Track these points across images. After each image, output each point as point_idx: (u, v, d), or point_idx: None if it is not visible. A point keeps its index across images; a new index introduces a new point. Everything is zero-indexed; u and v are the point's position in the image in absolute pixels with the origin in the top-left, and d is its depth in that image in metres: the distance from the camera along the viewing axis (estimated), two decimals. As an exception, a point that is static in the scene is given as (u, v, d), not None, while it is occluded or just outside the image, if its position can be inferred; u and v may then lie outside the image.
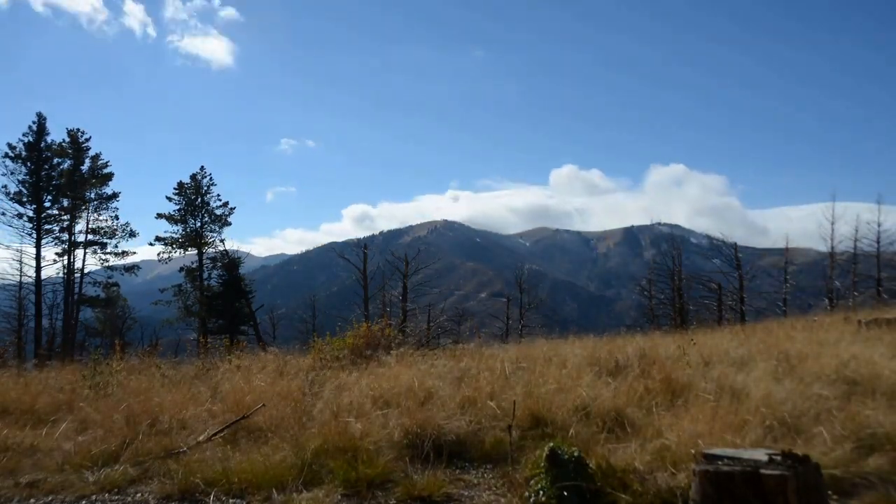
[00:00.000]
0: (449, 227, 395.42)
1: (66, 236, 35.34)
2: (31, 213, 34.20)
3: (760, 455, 3.54)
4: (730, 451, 3.72)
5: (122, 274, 37.00)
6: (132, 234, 37.32)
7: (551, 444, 4.39)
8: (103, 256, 36.51)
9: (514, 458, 5.03)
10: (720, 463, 3.54)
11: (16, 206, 33.92)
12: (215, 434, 5.98)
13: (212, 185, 37.59)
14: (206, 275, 36.59)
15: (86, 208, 36.13)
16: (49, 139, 35.05)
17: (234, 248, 37.04)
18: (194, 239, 36.73)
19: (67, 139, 35.85)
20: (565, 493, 4.07)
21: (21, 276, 33.53)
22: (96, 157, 36.47)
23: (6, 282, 33.51)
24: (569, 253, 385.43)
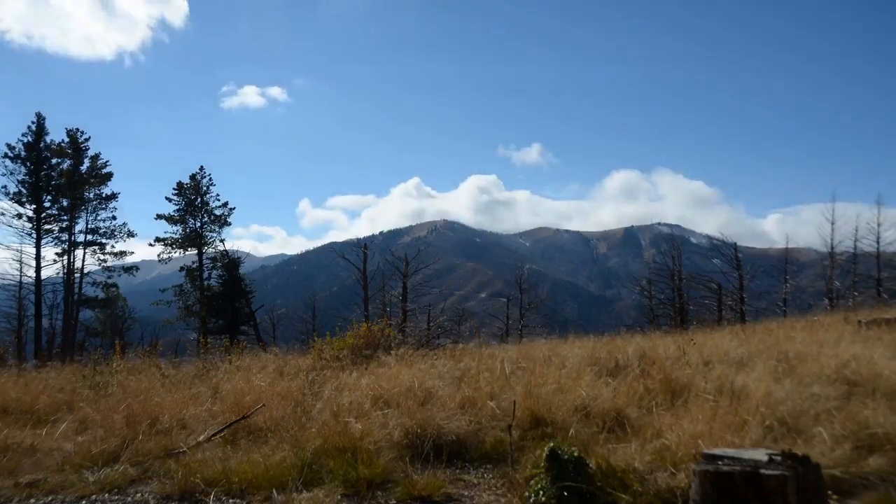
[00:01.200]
0: (449, 226, 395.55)
1: (65, 236, 35.39)
2: (30, 213, 34.26)
3: (760, 455, 3.53)
4: (730, 452, 3.72)
5: (122, 274, 37.04)
6: (131, 234, 37.39)
7: (551, 444, 4.39)
8: (103, 256, 36.56)
9: (514, 458, 5.03)
10: (720, 463, 3.54)
11: (15, 206, 33.99)
12: (215, 434, 5.98)
13: (211, 185, 37.68)
14: (206, 275, 36.61)
15: (85, 208, 36.17)
16: (48, 139, 35.13)
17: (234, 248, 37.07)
18: (194, 239, 36.76)
19: (67, 139, 35.88)
20: (565, 493, 4.07)
21: (21, 276, 33.60)
22: (95, 157, 36.53)
23: (6, 282, 33.57)
24: (569, 253, 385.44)
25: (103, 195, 36.74)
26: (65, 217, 35.44)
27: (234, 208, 37.59)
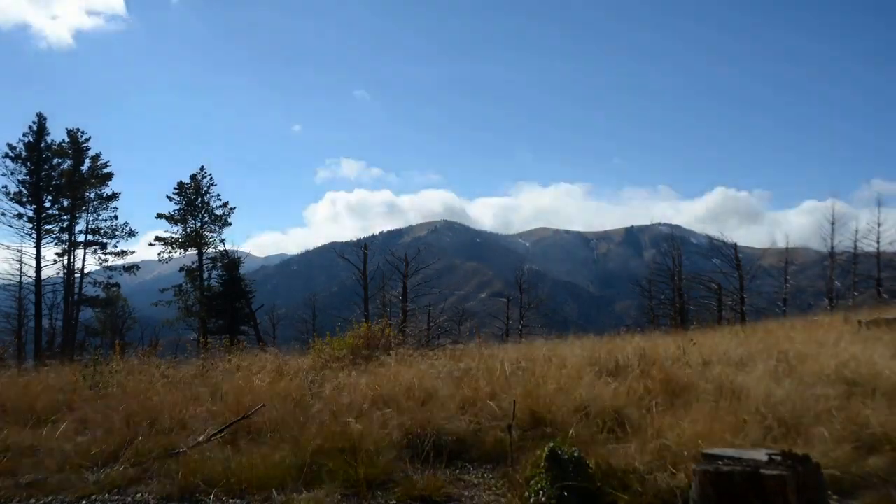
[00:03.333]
0: (449, 226, 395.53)
1: (66, 236, 35.36)
2: (31, 213, 34.22)
3: (760, 455, 3.54)
4: (730, 452, 3.72)
5: (122, 274, 37.01)
6: (131, 234, 37.37)
7: (551, 444, 4.39)
8: (103, 256, 36.55)
9: (514, 458, 5.03)
10: (720, 463, 3.54)
11: (16, 206, 33.95)
12: (215, 434, 5.97)
13: (212, 185, 37.68)
14: (206, 275, 36.61)
15: (85, 208, 36.17)
16: (49, 139, 35.13)
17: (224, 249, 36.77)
18: (194, 239, 36.75)
19: (67, 139, 35.89)
20: (565, 494, 4.07)
21: (21, 276, 33.57)
22: (96, 157, 36.51)
23: (6, 282, 33.55)
24: (569, 253, 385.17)
25: (104, 195, 36.76)
26: (65, 217, 35.44)
27: (234, 208, 37.63)
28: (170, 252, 36.96)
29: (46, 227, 34.62)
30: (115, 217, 37.15)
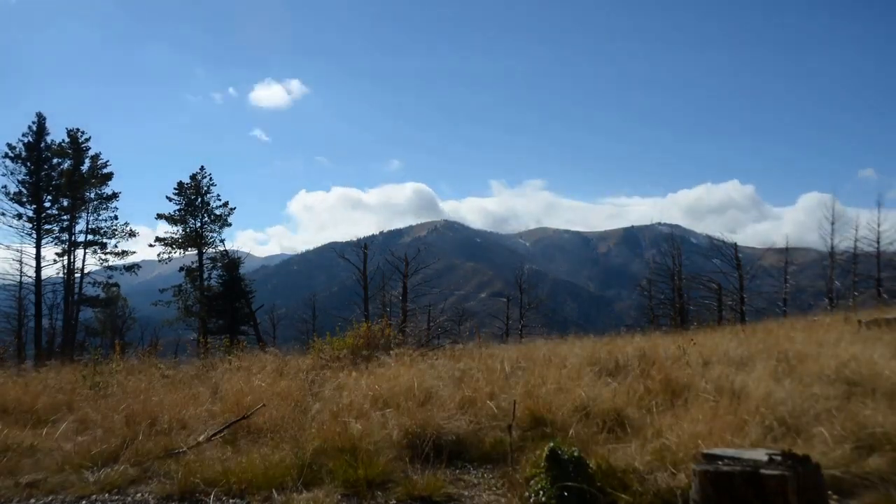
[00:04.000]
0: (449, 226, 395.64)
1: (66, 236, 35.39)
2: (30, 213, 34.27)
3: (760, 455, 3.54)
4: (730, 452, 3.72)
5: (122, 274, 37.04)
6: (132, 234, 37.39)
7: (551, 444, 4.39)
8: (103, 256, 36.58)
9: (514, 458, 5.03)
10: (720, 463, 3.54)
11: (16, 206, 34.00)
12: (215, 434, 5.98)
13: (212, 185, 37.70)
14: (206, 275, 36.62)
15: (85, 208, 36.17)
16: (49, 139, 35.17)
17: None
18: (194, 239, 36.76)
19: (67, 139, 35.89)
20: (565, 494, 4.07)
21: (21, 276, 33.59)
22: (96, 157, 36.54)
23: (6, 282, 33.58)
24: (569, 253, 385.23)
25: (104, 195, 36.77)
26: (65, 217, 35.46)
27: (234, 208, 37.67)
28: (170, 252, 36.99)
29: (46, 227, 34.66)
30: (115, 217, 37.25)
